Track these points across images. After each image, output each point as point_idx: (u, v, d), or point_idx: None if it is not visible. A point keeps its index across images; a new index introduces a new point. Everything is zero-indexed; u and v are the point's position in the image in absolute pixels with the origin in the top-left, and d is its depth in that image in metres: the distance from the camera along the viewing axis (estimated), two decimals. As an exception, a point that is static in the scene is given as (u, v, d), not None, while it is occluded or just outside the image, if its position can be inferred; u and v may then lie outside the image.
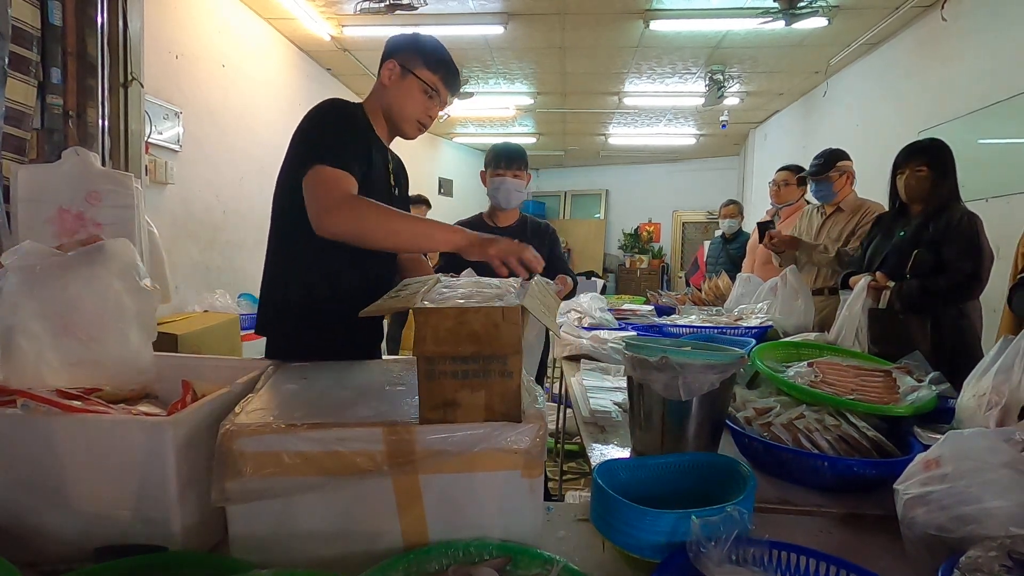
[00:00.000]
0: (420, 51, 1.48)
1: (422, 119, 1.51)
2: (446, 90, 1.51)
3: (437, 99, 1.50)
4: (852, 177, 2.92)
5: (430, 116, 1.52)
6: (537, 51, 5.41)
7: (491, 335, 0.79)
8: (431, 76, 1.48)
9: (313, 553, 0.81)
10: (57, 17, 2.37)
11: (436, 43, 1.51)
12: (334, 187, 1.27)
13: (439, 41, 1.52)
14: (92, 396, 0.96)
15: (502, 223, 2.35)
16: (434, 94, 1.49)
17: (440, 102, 1.51)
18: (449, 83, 1.51)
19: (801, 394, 1.30)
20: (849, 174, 2.89)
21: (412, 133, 1.54)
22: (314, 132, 1.37)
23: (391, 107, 1.50)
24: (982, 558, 0.68)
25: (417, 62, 1.47)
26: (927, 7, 4.21)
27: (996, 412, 1.10)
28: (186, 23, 3.87)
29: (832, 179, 2.87)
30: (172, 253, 3.42)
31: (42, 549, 0.83)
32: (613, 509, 0.80)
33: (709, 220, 10.12)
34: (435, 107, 1.51)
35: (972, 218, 2.10)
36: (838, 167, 2.87)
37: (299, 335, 1.44)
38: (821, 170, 2.88)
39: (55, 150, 2.38)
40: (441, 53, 1.51)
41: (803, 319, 2.23)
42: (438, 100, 1.51)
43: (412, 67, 1.47)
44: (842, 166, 2.87)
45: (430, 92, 1.48)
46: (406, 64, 1.47)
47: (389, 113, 1.51)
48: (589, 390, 1.80)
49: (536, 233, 2.36)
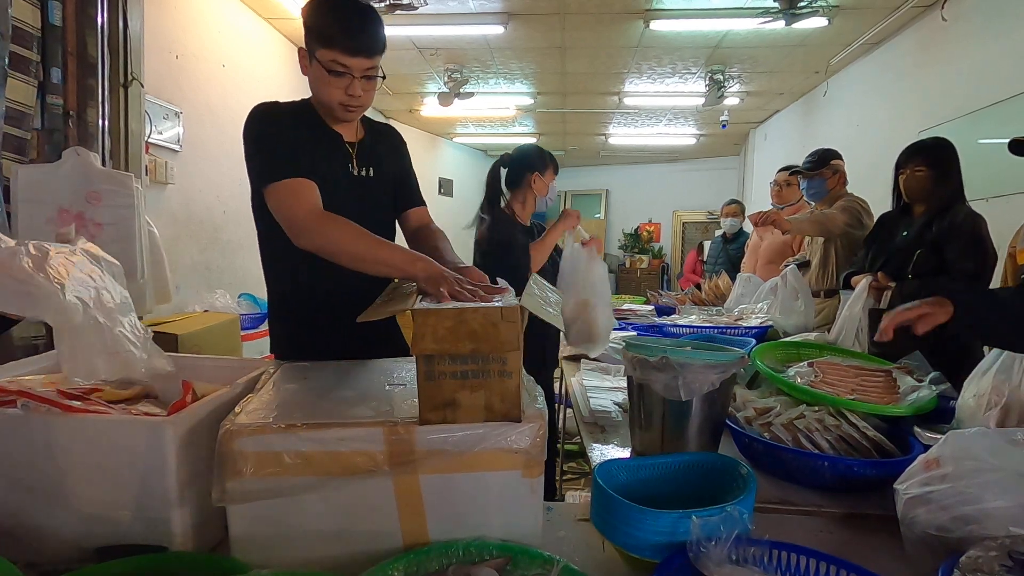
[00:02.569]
0: (313, 27, 1.29)
1: (344, 101, 1.32)
2: (350, 56, 1.27)
3: (348, 73, 1.28)
4: (844, 177, 2.91)
5: (351, 95, 1.31)
6: (537, 51, 5.41)
7: (490, 334, 0.79)
8: (328, 54, 1.27)
9: (313, 553, 0.81)
10: (57, 17, 2.37)
11: (330, 7, 1.29)
12: (293, 204, 1.25)
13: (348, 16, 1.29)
14: (92, 396, 0.96)
15: (527, 222, 2.38)
16: (343, 70, 1.28)
17: (352, 72, 1.29)
18: (346, 45, 1.26)
19: (801, 394, 1.30)
20: (841, 173, 2.89)
21: (345, 117, 1.38)
22: (251, 151, 1.35)
23: (315, 99, 1.40)
24: (982, 558, 0.68)
25: (313, 42, 1.29)
26: (927, 7, 4.21)
27: (996, 412, 1.10)
28: (186, 23, 3.87)
29: (825, 176, 2.87)
30: (172, 253, 3.42)
31: (42, 549, 0.83)
32: (613, 509, 0.80)
33: (709, 220, 10.12)
34: (353, 83, 1.29)
35: (975, 218, 2.09)
36: (831, 165, 2.86)
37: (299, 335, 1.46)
38: (814, 167, 2.88)
39: (55, 150, 2.38)
40: (333, 16, 1.27)
41: (803, 319, 2.23)
42: (349, 74, 1.29)
43: (312, 51, 1.30)
44: (835, 165, 2.87)
45: (336, 70, 1.28)
46: (308, 48, 1.31)
47: (319, 105, 1.40)
48: (589, 390, 1.80)
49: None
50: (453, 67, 5.80)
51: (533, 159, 2.34)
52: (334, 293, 1.40)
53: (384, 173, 1.50)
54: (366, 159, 1.47)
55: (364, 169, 1.46)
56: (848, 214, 2.68)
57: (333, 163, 1.40)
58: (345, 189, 1.39)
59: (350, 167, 1.43)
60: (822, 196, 2.91)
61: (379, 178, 1.49)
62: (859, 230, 2.64)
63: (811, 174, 2.90)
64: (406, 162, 1.59)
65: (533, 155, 2.35)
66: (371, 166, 1.47)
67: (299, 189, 1.27)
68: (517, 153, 2.37)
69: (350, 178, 1.43)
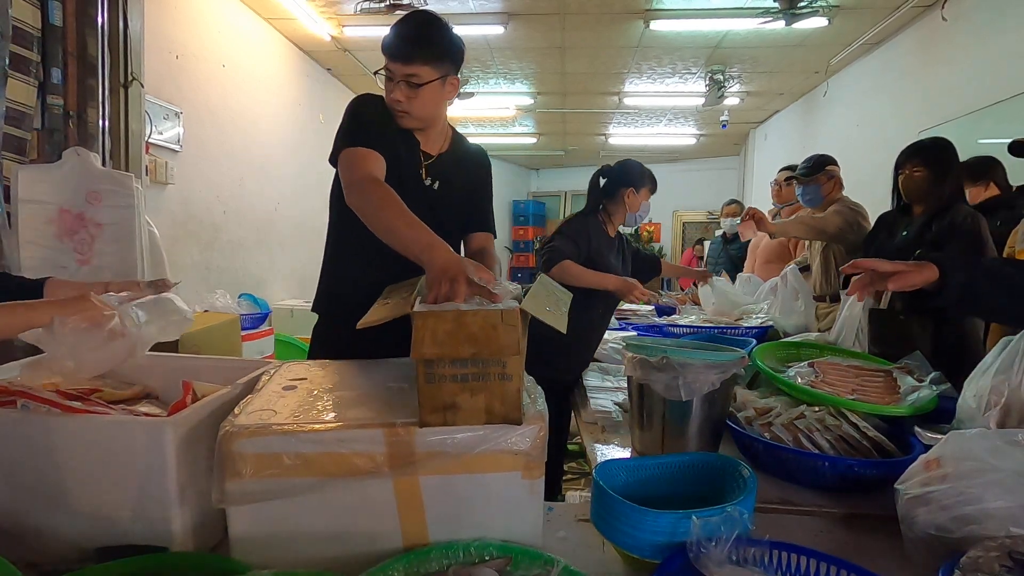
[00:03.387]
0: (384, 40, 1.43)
1: (391, 105, 1.45)
2: (389, 60, 1.41)
3: (391, 78, 1.42)
4: (840, 182, 2.90)
5: (394, 99, 1.42)
6: (537, 51, 5.41)
7: (489, 337, 0.79)
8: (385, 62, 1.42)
9: (313, 554, 0.81)
10: (57, 17, 2.37)
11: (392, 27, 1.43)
12: (356, 166, 1.32)
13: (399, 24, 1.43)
14: (92, 396, 0.96)
15: (612, 232, 2.39)
16: (387, 73, 1.43)
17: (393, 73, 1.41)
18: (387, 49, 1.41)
19: (801, 394, 1.30)
20: (837, 179, 2.88)
21: (400, 122, 1.47)
22: (343, 122, 1.44)
23: None
24: (983, 558, 0.68)
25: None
26: (927, 7, 4.21)
27: (996, 412, 1.10)
28: (186, 23, 3.87)
29: (820, 182, 2.86)
30: (172, 253, 3.42)
31: (42, 549, 0.83)
32: (613, 509, 0.80)
33: (709, 220, 10.12)
34: (394, 88, 1.42)
35: (975, 218, 2.09)
36: (826, 171, 2.86)
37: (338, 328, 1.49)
38: (809, 173, 2.88)
39: (56, 150, 2.38)
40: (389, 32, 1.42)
41: (803, 319, 2.23)
42: (391, 78, 1.42)
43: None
44: (830, 170, 2.86)
45: (383, 73, 1.44)
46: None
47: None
48: (589, 390, 1.80)
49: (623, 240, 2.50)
50: (453, 67, 5.79)
51: (630, 175, 2.33)
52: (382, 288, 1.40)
53: (455, 190, 1.55)
54: (438, 172, 1.53)
55: (433, 180, 1.51)
56: (842, 217, 2.67)
57: (408, 167, 1.46)
58: (415, 196, 1.39)
59: (421, 174, 1.50)
60: (818, 202, 2.91)
61: (446, 193, 1.53)
62: (854, 234, 2.63)
63: (806, 180, 2.90)
64: (484, 187, 1.64)
65: (631, 171, 2.33)
66: (442, 180, 1.52)
67: (367, 155, 1.35)
68: (617, 166, 2.35)
69: (419, 184, 1.49)
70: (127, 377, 1.09)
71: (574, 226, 2.28)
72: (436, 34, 1.43)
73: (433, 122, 1.51)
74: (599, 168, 2.38)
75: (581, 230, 2.25)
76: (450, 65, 1.45)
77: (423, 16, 1.45)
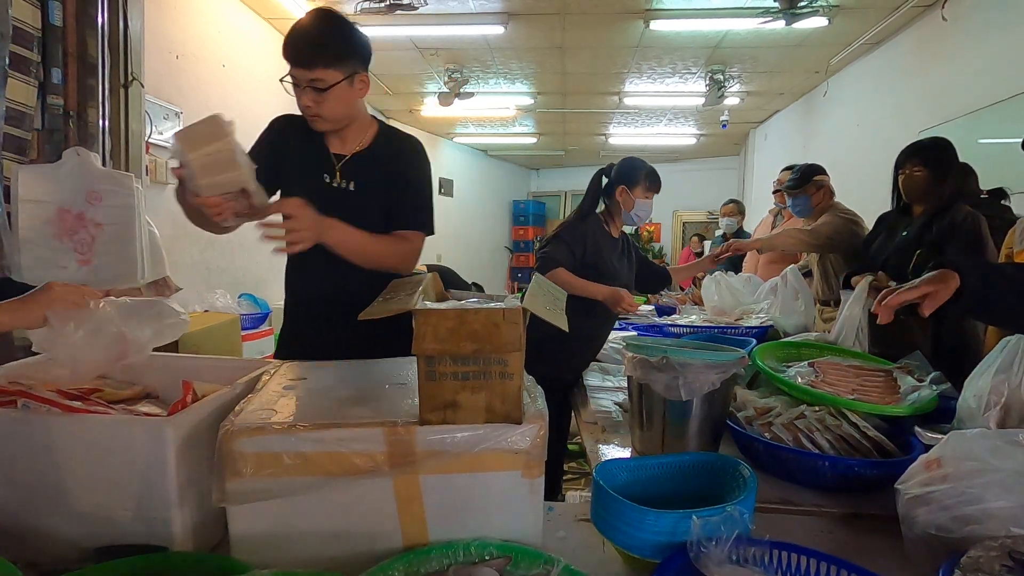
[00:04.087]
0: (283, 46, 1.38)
1: (302, 111, 1.43)
2: (293, 67, 1.37)
3: (296, 84, 1.38)
4: (829, 190, 2.89)
5: (303, 105, 1.41)
6: (537, 51, 5.41)
7: (492, 335, 0.79)
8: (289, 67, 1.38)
9: (313, 553, 0.81)
10: (57, 17, 2.37)
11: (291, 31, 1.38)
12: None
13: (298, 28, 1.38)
14: (92, 396, 0.96)
15: (614, 235, 2.34)
16: (295, 81, 1.38)
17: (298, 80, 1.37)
18: (291, 58, 1.36)
19: (801, 394, 1.30)
20: (826, 188, 2.87)
21: (315, 127, 1.46)
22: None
23: None
24: (983, 558, 0.68)
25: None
26: (927, 7, 4.21)
27: (996, 412, 1.10)
28: (186, 23, 3.87)
29: (808, 193, 2.86)
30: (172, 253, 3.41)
31: (42, 549, 0.83)
32: (613, 509, 0.80)
33: (709, 220, 10.13)
34: (301, 93, 1.39)
35: (975, 218, 2.09)
36: (814, 182, 2.85)
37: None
38: (797, 185, 2.88)
39: (55, 150, 2.38)
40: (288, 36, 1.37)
41: (803, 319, 2.23)
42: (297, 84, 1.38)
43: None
44: (818, 180, 2.85)
45: (292, 81, 1.39)
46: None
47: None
48: (589, 390, 1.80)
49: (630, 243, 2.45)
50: (453, 67, 5.80)
51: (625, 172, 2.27)
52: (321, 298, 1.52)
53: (372, 188, 1.49)
54: (353, 172, 1.49)
55: (348, 181, 1.48)
56: (831, 227, 2.66)
57: (308, 173, 1.48)
58: (321, 198, 1.40)
59: (326, 178, 1.48)
60: (808, 212, 2.91)
61: (363, 191, 1.49)
62: (847, 242, 2.62)
63: (795, 192, 2.90)
64: (407, 182, 1.53)
65: (627, 168, 2.27)
66: (357, 180, 1.49)
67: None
68: (618, 163, 2.30)
69: (325, 188, 1.47)
70: (127, 377, 1.09)
71: (571, 229, 2.24)
72: (337, 35, 1.39)
73: (349, 121, 1.48)
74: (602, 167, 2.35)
75: (578, 233, 2.21)
76: (357, 63, 1.41)
77: (322, 16, 1.40)
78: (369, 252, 1.41)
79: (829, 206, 2.83)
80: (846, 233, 2.64)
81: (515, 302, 0.85)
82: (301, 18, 1.39)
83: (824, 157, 5.42)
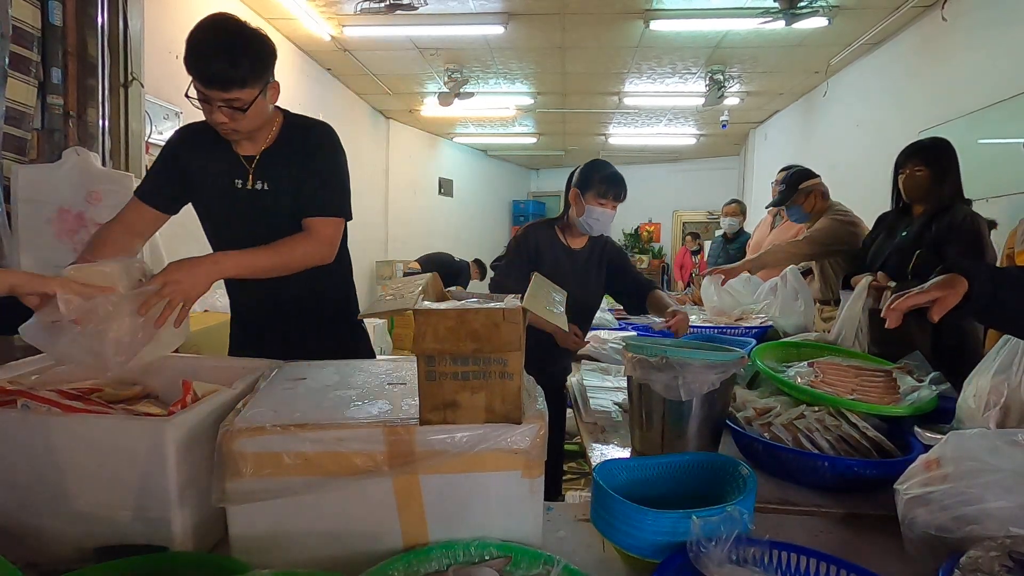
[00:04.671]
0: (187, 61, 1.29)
1: (217, 128, 1.34)
2: (201, 84, 1.28)
3: (207, 101, 1.29)
4: (820, 192, 2.86)
5: (216, 121, 1.32)
6: (537, 51, 5.41)
7: (491, 334, 0.79)
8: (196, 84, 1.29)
9: (313, 553, 0.81)
10: (57, 17, 2.37)
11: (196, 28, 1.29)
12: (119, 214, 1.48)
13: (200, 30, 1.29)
14: (92, 396, 0.96)
15: (575, 245, 2.09)
16: (204, 98, 1.29)
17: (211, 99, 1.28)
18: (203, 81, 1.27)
19: (801, 394, 1.30)
20: (815, 192, 2.85)
21: (228, 139, 1.40)
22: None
23: None
24: (982, 558, 0.68)
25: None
26: (927, 7, 4.21)
27: (996, 412, 1.10)
28: (186, 23, 3.82)
29: (798, 202, 2.86)
30: (172, 253, 3.42)
31: (42, 549, 0.83)
32: (613, 509, 0.80)
33: (709, 220, 10.13)
34: (213, 110, 1.29)
35: (975, 218, 2.09)
36: (801, 190, 2.84)
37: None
38: (786, 197, 2.88)
39: (55, 150, 2.38)
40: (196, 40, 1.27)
41: (803, 319, 2.23)
42: (207, 101, 1.29)
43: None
44: (805, 187, 2.84)
45: (200, 98, 1.30)
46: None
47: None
48: (589, 390, 1.80)
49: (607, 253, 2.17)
50: (453, 67, 5.80)
51: (581, 174, 2.03)
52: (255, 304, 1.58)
53: (284, 184, 1.44)
54: (264, 171, 1.44)
55: (260, 183, 1.43)
56: (826, 233, 2.66)
57: (219, 179, 1.45)
58: (234, 203, 1.40)
59: (238, 182, 1.44)
60: (805, 218, 2.90)
61: (276, 190, 1.44)
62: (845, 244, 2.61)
63: (785, 203, 2.90)
64: (315, 171, 1.45)
65: (585, 170, 2.03)
66: (269, 178, 1.44)
67: (127, 207, 1.47)
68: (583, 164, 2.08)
69: (237, 193, 1.43)
70: (127, 377, 1.09)
71: (516, 244, 2.06)
72: (250, 52, 1.30)
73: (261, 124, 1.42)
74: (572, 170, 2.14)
75: (522, 247, 2.03)
76: (269, 73, 1.35)
77: (227, 30, 1.30)
78: (263, 265, 1.31)
79: (825, 208, 2.82)
80: (844, 235, 2.64)
81: (515, 302, 0.85)
82: (202, 28, 1.29)
83: (824, 157, 5.45)
